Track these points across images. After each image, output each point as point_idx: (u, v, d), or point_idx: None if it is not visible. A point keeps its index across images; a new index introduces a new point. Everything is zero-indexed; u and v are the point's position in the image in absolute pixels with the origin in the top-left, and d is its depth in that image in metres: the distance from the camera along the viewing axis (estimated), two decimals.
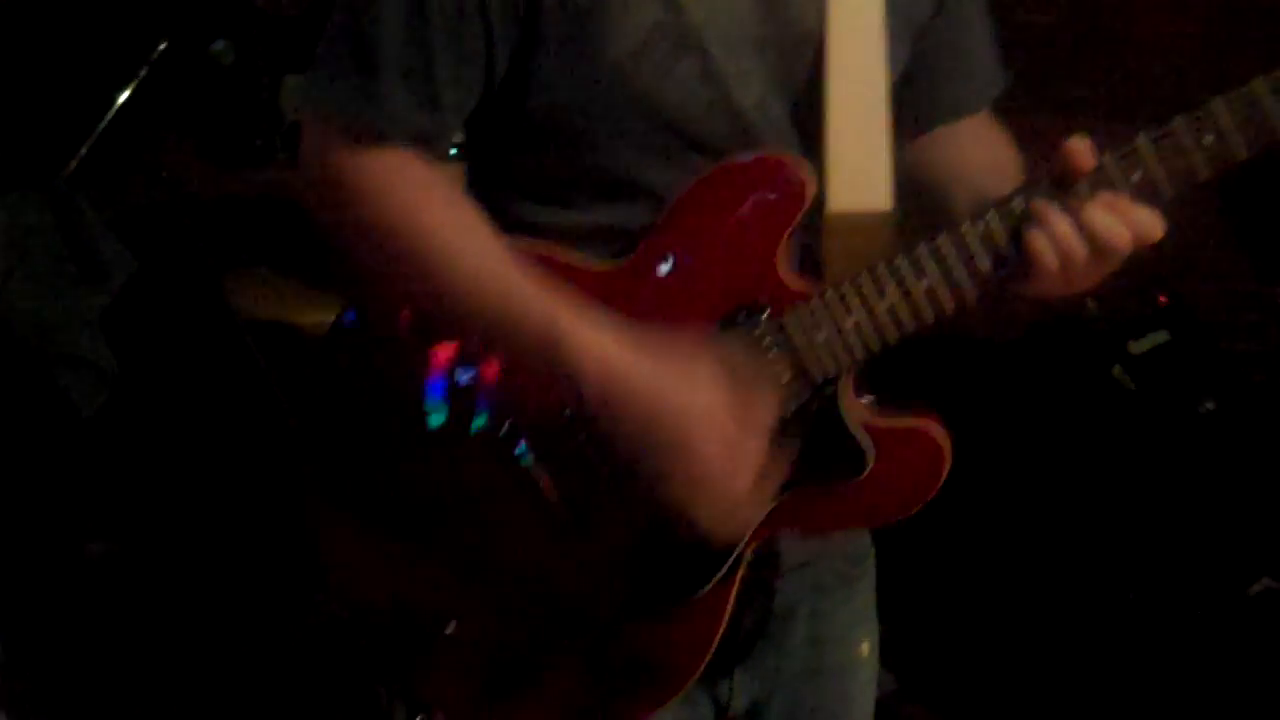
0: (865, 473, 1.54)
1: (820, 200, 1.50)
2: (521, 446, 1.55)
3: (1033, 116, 3.80)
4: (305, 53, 3.38)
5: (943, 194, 1.61)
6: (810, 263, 1.54)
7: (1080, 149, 1.40)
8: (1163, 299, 3.19)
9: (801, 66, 1.51)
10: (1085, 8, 4.04)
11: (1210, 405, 3.06)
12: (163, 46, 3.24)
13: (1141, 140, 1.40)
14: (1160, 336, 3.07)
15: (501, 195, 1.56)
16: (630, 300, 1.50)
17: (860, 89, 1.51)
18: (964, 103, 1.67)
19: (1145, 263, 1.44)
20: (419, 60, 1.46)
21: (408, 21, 1.45)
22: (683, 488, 1.43)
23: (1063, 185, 1.41)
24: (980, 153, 1.65)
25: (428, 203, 1.49)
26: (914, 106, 1.60)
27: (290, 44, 3.47)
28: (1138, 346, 3.03)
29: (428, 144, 1.50)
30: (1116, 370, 3.01)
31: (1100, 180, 1.41)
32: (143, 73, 3.21)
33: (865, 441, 1.53)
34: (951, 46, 1.63)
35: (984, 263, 1.45)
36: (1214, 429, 3.03)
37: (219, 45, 3.31)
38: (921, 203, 1.60)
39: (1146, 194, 1.41)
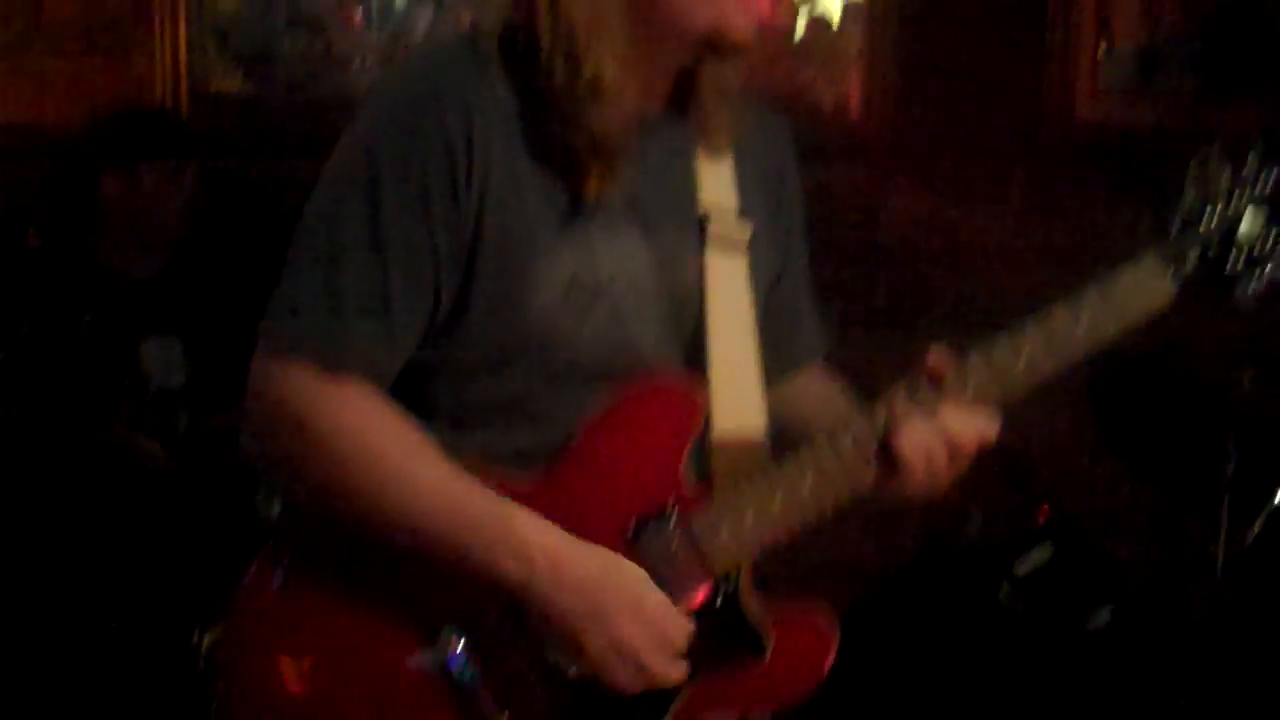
0: (765, 657, 1.73)
1: (707, 425, 1.72)
2: (459, 658, 1.66)
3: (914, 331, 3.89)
4: (160, 317, 3.41)
5: (791, 436, 1.81)
6: (705, 474, 1.74)
7: (939, 358, 1.68)
8: (1045, 510, 3.18)
9: (688, 318, 1.74)
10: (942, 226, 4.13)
11: (1104, 617, 3.03)
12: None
13: (974, 356, 1.68)
14: (1045, 552, 3.05)
15: (422, 420, 1.67)
16: (550, 513, 1.64)
17: (735, 342, 1.75)
18: (800, 357, 1.95)
19: (1025, 475, 1.65)
20: (380, 300, 1.61)
21: (369, 262, 1.60)
22: (617, 668, 1.62)
23: (919, 391, 1.67)
24: (823, 396, 1.94)
25: (383, 433, 1.62)
26: (766, 358, 1.81)
27: (145, 308, 3.43)
28: (1023, 566, 3.02)
29: (382, 377, 1.64)
30: (1003, 591, 2.99)
31: (947, 389, 1.66)
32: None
33: (764, 629, 1.73)
34: (790, 307, 1.93)
35: (858, 466, 1.69)
36: (1106, 643, 3.00)
37: (87, 322, 3.26)
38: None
39: (981, 400, 1.68)
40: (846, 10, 4.02)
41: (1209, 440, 3.06)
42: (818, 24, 4.05)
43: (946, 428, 1.66)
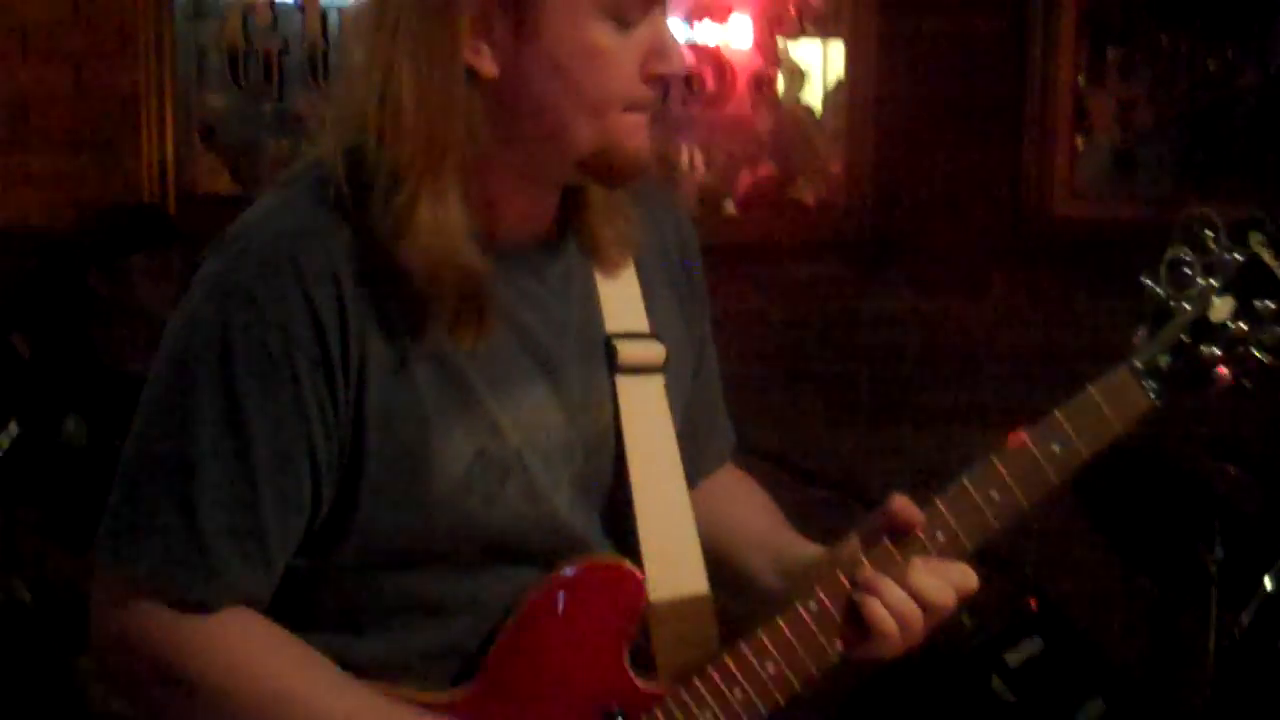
0: None
1: (647, 602, 1.53)
2: None
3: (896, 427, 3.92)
4: None
5: (723, 545, 1.68)
6: (642, 656, 1.54)
7: (902, 507, 1.52)
8: (1033, 603, 3.18)
9: (605, 461, 1.55)
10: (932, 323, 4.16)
11: (1097, 708, 3.02)
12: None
13: (939, 502, 1.52)
14: (1035, 644, 3.05)
15: (307, 633, 1.46)
16: None
17: (659, 475, 1.56)
18: (718, 456, 1.78)
19: (1013, 568, 1.50)
20: (250, 519, 1.37)
21: (231, 474, 1.36)
22: None
23: (880, 546, 1.52)
24: (741, 496, 1.77)
25: (268, 664, 1.41)
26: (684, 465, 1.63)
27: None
28: (1013, 657, 3.01)
29: (257, 600, 1.42)
30: (995, 683, 2.98)
31: (914, 543, 1.51)
32: None
33: None
34: (705, 407, 1.74)
35: (825, 639, 1.51)
36: None
37: (70, 425, 3.24)
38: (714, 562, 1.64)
39: (952, 551, 1.53)
40: (828, 106, 4.08)
41: (1196, 530, 3.07)
42: (799, 119, 4.10)
43: (920, 590, 1.49)
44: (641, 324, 1.57)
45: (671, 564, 1.55)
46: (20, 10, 3.98)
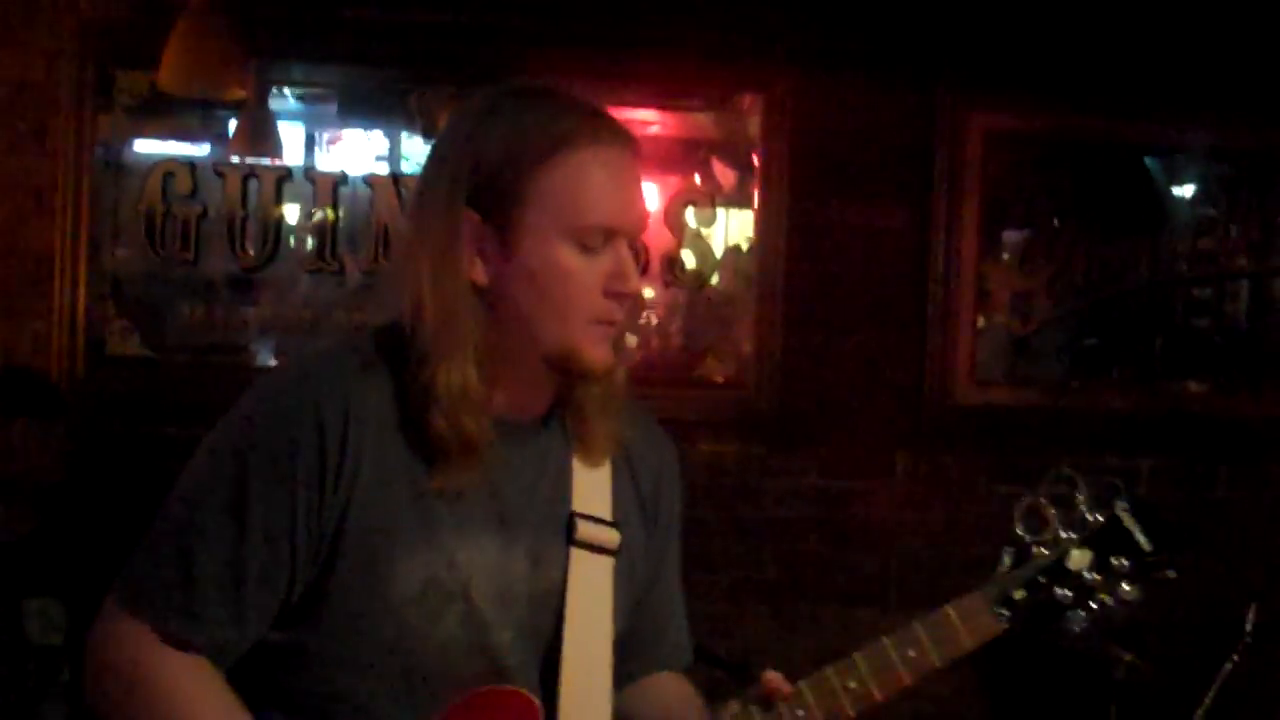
0: None
1: None
2: None
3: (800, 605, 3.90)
4: (39, 576, 3.34)
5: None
6: None
7: (773, 681, 1.72)
8: None
9: (547, 614, 1.75)
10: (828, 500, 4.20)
11: None
12: None
13: (803, 684, 1.72)
14: None
15: (256, 705, 1.66)
16: None
17: (590, 639, 1.77)
18: (665, 663, 1.97)
19: None
20: (234, 580, 1.63)
21: (228, 542, 1.62)
22: None
23: (751, 713, 1.72)
24: (674, 693, 1.95)
25: (213, 709, 1.63)
26: (627, 660, 1.86)
27: (23, 568, 3.37)
28: None
29: (224, 655, 1.65)
30: None
31: (780, 713, 1.72)
32: None
33: None
34: (659, 614, 1.95)
35: None
36: None
37: None
38: None
39: None
40: (737, 286, 4.16)
41: (1093, 714, 3.10)
42: (708, 298, 4.18)
43: None
44: (605, 511, 1.81)
45: (580, 713, 1.75)
46: None
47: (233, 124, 4.03)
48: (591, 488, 1.81)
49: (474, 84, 1.89)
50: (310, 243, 4.05)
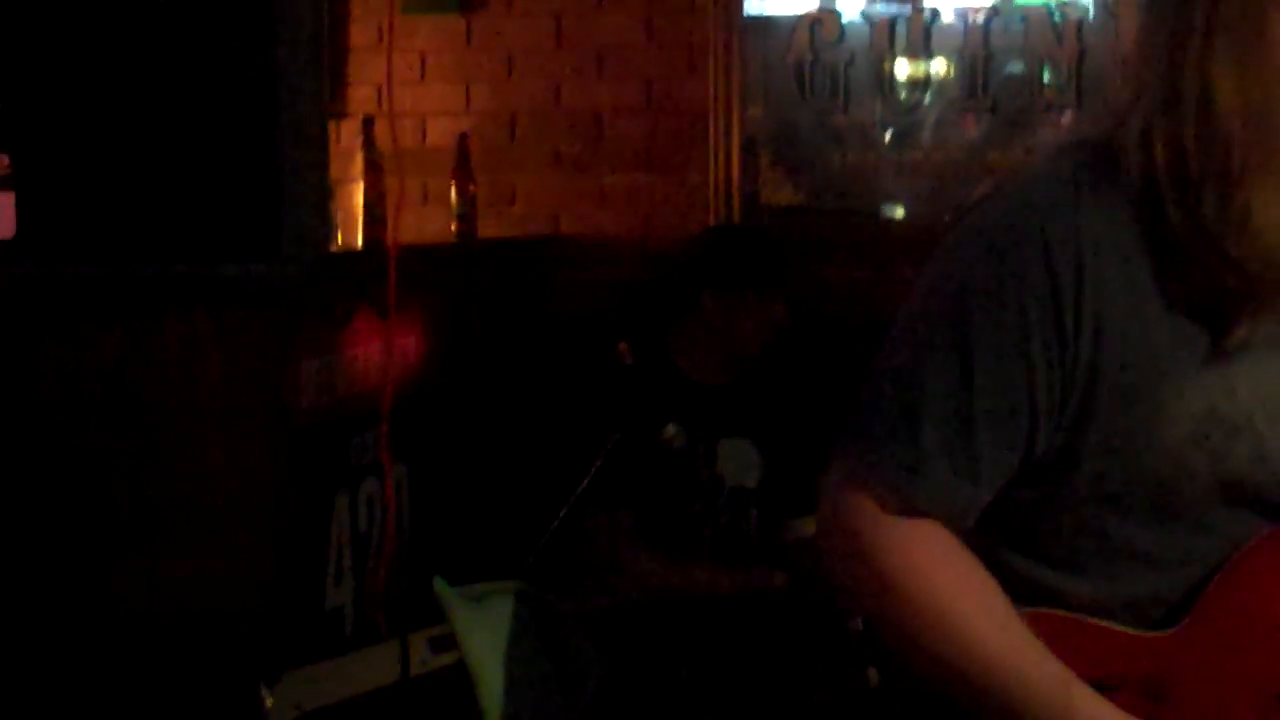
0: None
1: None
2: None
3: None
4: (732, 420, 3.52)
5: None
6: None
7: None
8: None
9: None
10: None
11: None
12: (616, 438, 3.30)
13: None
14: None
15: (1016, 558, 1.55)
16: (1179, 671, 1.50)
17: None
18: None
19: None
20: (962, 446, 1.49)
21: (953, 398, 1.48)
22: None
23: None
24: None
25: (952, 582, 1.51)
26: None
27: (720, 412, 3.53)
28: None
29: (957, 519, 1.51)
30: None
31: None
32: (597, 464, 3.26)
33: None
34: None
35: None
36: None
37: (670, 430, 3.36)
38: None
39: None
40: None
41: None
42: None
43: None
44: None
45: None
46: (596, 35, 4.19)
47: None
48: None
49: None
50: (958, 83, 4.01)
